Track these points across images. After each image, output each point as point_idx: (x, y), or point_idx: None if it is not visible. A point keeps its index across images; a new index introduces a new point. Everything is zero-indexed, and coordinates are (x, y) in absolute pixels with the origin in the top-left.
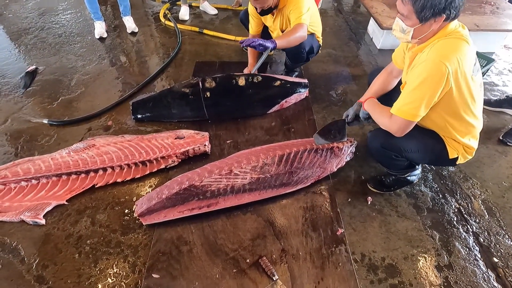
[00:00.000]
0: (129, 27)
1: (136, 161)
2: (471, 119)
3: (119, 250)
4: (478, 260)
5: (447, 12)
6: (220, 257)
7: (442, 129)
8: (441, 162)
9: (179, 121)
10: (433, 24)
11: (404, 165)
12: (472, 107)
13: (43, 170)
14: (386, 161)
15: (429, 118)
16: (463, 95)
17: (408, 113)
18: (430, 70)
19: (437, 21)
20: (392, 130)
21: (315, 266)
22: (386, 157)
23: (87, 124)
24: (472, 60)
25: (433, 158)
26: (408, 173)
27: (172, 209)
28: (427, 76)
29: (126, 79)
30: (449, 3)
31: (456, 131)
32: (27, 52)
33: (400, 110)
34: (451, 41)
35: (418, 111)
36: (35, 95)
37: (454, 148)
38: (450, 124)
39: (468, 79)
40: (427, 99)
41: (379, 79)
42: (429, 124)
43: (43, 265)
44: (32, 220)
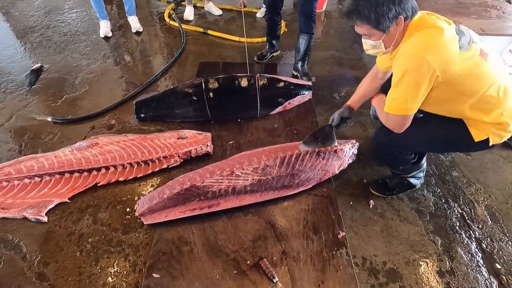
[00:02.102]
0: (133, 26)
1: (139, 161)
2: (489, 91)
3: (120, 249)
4: (481, 267)
5: (402, 14)
6: (220, 258)
7: (459, 114)
8: (464, 148)
9: (182, 121)
10: (396, 28)
11: (410, 162)
12: (483, 81)
13: (46, 168)
14: (391, 159)
15: (441, 108)
16: (462, 74)
17: (397, 108)
18: (407, 63)
19: (399, 24)
20: (390, 127)
21: (315, 269)
22: (391, 154)
23: (91, 122)
24: (452, 39)
25: (450, 145)
26: (413, 172)
27: (174, 209)
28: (406, 70)
29: (130, 79)
30: (400, 6)
31: (477, 110)
32: (32, 50)
33: (389, 107)
34: (422, 32)
35: (407, 104)
36: (39, 93)
37: (480, 129)
38: (467, 106)
39: (456, 58)
40: (412, 91)
41: (365, 82)
42: (444, 112)
43: (44, 262)
44: (34, 217)
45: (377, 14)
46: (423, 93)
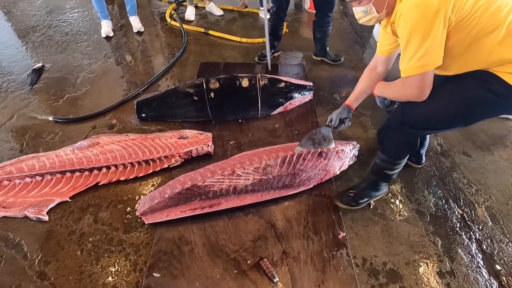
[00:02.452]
0: (135, 26)
1: (140, 160)
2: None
3: (120, 248)
4: (481, 268)
5: None
6: (221, 257)
7: (486, 63)
8: (502, 103)
9: (183, 121)
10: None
11: (415, 148)
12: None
13: (47, 167)
14: (399, 147)
15: (462, 62)
16: (475, 4)
17: (415, 67)
18: (411, 15)
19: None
20: (412, 94)
21: (316, 269)
22: (400, 141)
23: (92, 122)
24: None
25: (483, 105)
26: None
27: (174, 208)
28: (412, 22)
29: (131, 78)
30: None
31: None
32: (34, 49)
33: (406, 70)
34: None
35: (424, 59)
36: (41, 92)
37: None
38: (494, 45)
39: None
40: (427, 42)
41: (363, 78)
42: (466, 68)
43: (45, 261)
44: (35, 216)
45: None
46: (440, 40)
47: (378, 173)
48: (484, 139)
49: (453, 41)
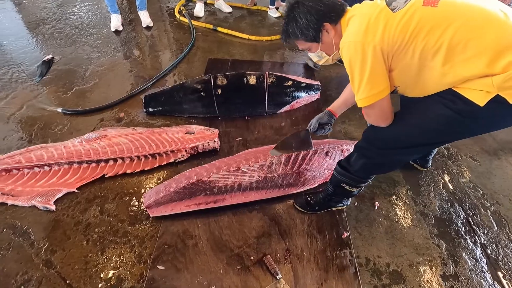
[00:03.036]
0: (144, 21)
1: (146, 154)
2: (458, 35)
3: (126, 240)
4: (485, 272)
5: (325, 20)
6: (224, 252)
7: (440, 84)
8: (471, 124)
9: (189, 116)
10: (328, 34)
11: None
12: (440, 28)
13: (55, 158)
14: (364, 165)
15: (417, 86)
16: (409, 33)
17: (367, 98)
18: (346, 54)
19: (329, 30)
20: (376, 122)
21: (319, 267)
22: (368, 161)
23: (100, 114)
24: (377, 9)
25: (449, 125)
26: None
27: (180, 202)
28: (349, 60)
29: (139, 73)
30: (318, 15)
31: (456, 66)
32: (44, 41)
33: (361, 101)
34: (349, 25)
35: (371, 90)
36: (50, 84)
37: (477, 87)
38: (439, 69)
39: (391, 23)
40: (367, 76)
41: (349, 88)
42: (425, 91)
43: (51, 250)
44: (43, 205)
45: (300, 29)
46: (379, 70)
47: (336, 185)
48: (491, 144)
49: (400, 70)
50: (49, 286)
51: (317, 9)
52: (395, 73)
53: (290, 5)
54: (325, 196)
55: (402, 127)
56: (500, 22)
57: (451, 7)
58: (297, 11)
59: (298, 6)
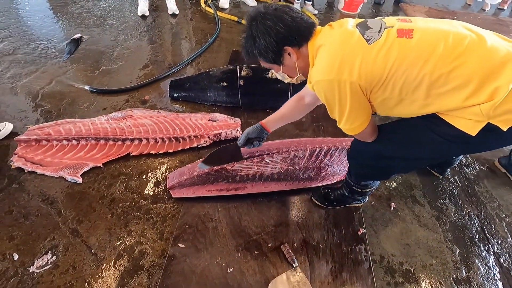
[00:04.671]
0: (170, 8)
1: (170, 136)
2: (439, 65)
3: (148, 216)
4: (497, 280)
5: (286, 43)
6: (243, 237)
7: (429, 112)
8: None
9: (212, 104)
10: (291, 57)
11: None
12: (418, 60)
13: (83, 133)
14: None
15: (403, 114)
16: (386, 66)
17: (350, 129)
18: (322, 90)
19: (290, 54)
20: (361, 139)
21: (334, 260)
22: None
23: (125, 95)
24: (352, 40)
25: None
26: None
27: (202, 187)
28: (325, 96)
29: (164, 58)
30: (278, 38)
31: (443, 95)
32: (73, 20)
33: (345, 130)
34: (320, 54)
35: (354, 122)
36: (78, 62)
37: (469, 116)
38: (423, 99)
39: (368, 56)
40: (347, 110)
41: (289, 104)
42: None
43: (78, 220)
44: (71, 177)
45: (259, 50)
46: (359, 104)
47: (349, 187)
48: None
49: (380, 102)
50: (75, 253)
51: (276, 31)
52: (375, 104)
53: (249, 20)
54: (343, 193)
55: (386, 145)
56: (477, 48)
57: (426, 38)
58: (255, 30)
59: (256, 24)
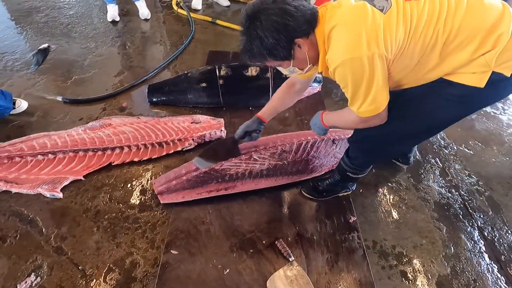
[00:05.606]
0: (142, 13)
1: (153, 142)
2: (449, 25)
3: (137, 226)
4: (483, 253)
5: (296, 35)
6: (237, 237)
7: (438, 74)
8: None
9: (194, 106)
10: (301, 49)
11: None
12: (431, 21)
13: (59, 146)
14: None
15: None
16: (404, 32)
17: (369, 110)
18: (347, 71)
19: (302, 45)
20: (375, 125)
21: (329, 250)
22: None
23: (102, 104)
24: (366, 11)
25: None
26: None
27: (191, 190)
28: (351, 77)
29: (140, 63)
30: (287, 31)
31: (453, 53)
32: (38, 30)
33: (361, 113)
34: (337, 35)
35: (377, 102)
36: (48, 72)
37: (475, 69)
38: (436, 60)
39: (391, 22)
40: (374, 88)
41: (278, 93)
42: (420, 82)
43: (61, 237)
44: (50, 193)
45: (268, 49)
46: (383, 81)
47: (343, 173)
48: (484, 135)
49: (398, 70)
50: (61, 271)
51: (285, 25)
52: (394, 74)
53: (248, 19)
54: (332, 182)
55: (397, 123)
56: (477, 3)
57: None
58: (260, 29)
59: (260, 22)
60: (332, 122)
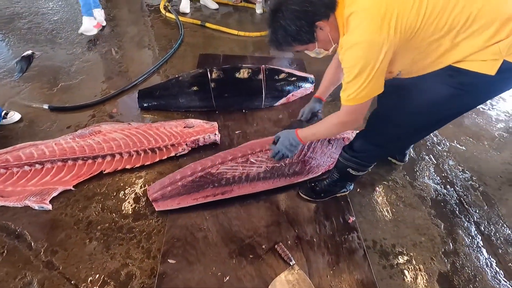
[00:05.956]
0: (99, 21)
1: (146, 148)
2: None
3: (131, 235)
4: (481, 247)
5: (316, 18)
6: (236, 243)
7: (448, 61)
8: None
9: (186, 110)
10: (324, 30)
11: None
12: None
13: (47, 155)
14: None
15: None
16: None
17: (361, 96)
18: (358, 53)
19: (323, 27)
20: (352, 121)
21: (329, 252)
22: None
23: (90, 111)
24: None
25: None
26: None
27: (187, 196)
28: (360, 60)
29: (129, 68)
30: (307, 16)
31: (466, 40)
32: (21, 36)
33: (352, 99)
34: (353, 20)
35: (371, 88)
36: (33, 80)
37: (486, 56)
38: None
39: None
40: (373, 74)
41: (330, 70)
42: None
43: (52, 250)
44: (38, 205)
45: (292, 36)
46: (382, 69)
47: (342, 171)
48: (475, 131)
49: (408, 55)
50: (52, 287)
51: (305, 11)
52: (404, 58)
53: (271, 12)
54: (330, 182)
55: (408, 114)
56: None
57: None
58: (283, 19)
59: (282, 13)
60: (310, 134)
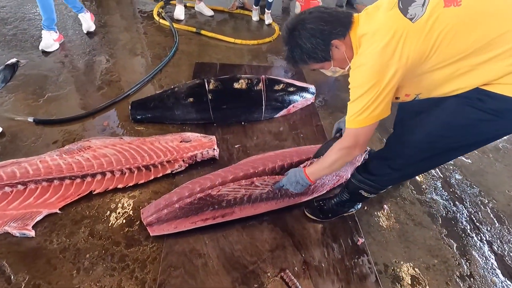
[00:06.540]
0: (85, 27)
1: (139, 165)
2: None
3: (124, 265)
4: (496, 269)
5: (332, 37)
6: (238, 270)
7: (474, 83)
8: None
9: (182, 123)
10: (339, 49)
11: None
12: (474, 30)
13: (30, 174)
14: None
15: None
16: (435, 41)
17: (368, 118)
18: (369, 73)
19: (339, 46)
20: (352, 146)
21: (339, 278)
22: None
23: (79, 124)
24: (394, 21)
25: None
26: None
27: (185, 219)
28: (370, 80)
29: (121, 77)
30: (323, 35)
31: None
32: (6, 43)
33: (358, 121)
34: (365, 42)
35: (378, 110)
36: (17, 90)
37: None
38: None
39: (417, 34)
40: (382, 96)
41: None
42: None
43: (34, 284)
44: (19, 231)
45: (307, 54)
46: (392, 91)
47: (354, 192)
48: None
49: (421, 78)
50: None
51: (320, 30)
52: (419, 81)
53: (288, 31)
54: (339, 202)
55: (430, 137)
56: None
57: (476, 3)
58: (299, 38)
59: (298, 31)
60: (316, 171)
